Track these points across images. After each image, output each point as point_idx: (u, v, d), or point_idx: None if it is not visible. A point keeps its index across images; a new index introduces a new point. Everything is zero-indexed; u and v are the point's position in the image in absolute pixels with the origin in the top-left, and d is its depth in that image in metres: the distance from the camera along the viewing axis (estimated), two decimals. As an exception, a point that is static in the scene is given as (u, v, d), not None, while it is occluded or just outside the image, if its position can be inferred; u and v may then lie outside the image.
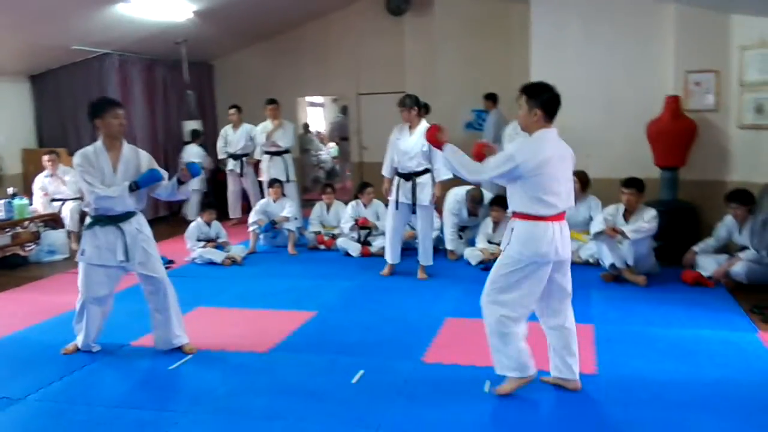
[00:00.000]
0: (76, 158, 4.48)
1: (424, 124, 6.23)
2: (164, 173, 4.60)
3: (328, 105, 17.31)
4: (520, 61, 8.68)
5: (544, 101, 3.70)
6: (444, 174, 6.20)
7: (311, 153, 14.54)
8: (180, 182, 4.56)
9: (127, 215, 4.51)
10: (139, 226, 4.58)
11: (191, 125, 10.30)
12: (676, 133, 6.98)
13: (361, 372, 4.22)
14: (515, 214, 3.77)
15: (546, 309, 3.90)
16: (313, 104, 16.83)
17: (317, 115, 17.25)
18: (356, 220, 7.79)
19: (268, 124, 9.03)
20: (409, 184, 6.38)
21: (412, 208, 6.43)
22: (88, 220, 4.62)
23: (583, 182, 6.99)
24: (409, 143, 6.32)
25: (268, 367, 4.45)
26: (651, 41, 7.42)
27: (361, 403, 3.82)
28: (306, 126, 14.96)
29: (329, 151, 15.64)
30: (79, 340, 4.73)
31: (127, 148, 4.56)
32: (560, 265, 3.79)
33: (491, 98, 9.52)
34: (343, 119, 14.45)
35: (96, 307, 4.64)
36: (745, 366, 4.24)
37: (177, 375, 4.36)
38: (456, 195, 7.55)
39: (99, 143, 4.51)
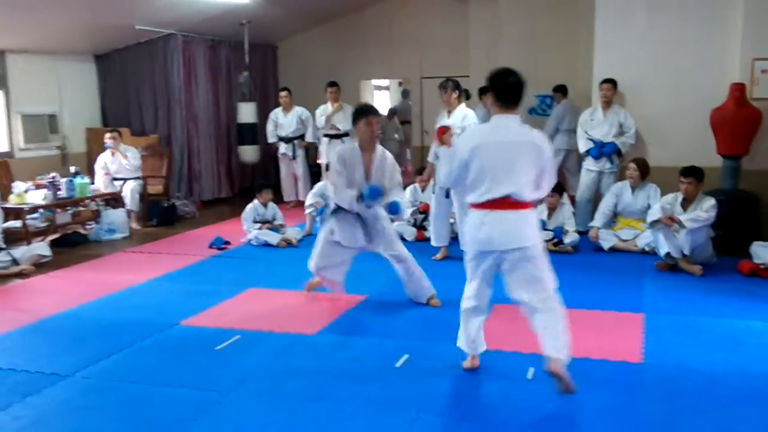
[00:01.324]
0: (334, 156, 5.09)
1: (461, 109, 6.35)
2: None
3: (393, 88, 17.25)
4: (585, 47, 8.55)
5: (495, 87, 3.70)
6: None
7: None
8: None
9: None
10: (376, 212, 5.16)
11: (247, 107, 10.37)
12: (740, 121, 6.79)
13: (406, 356, 4.26)
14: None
15: (517, 296, 3.77)
16: (378, 87, 16.83)
17: (383, 99, 17.24)
18: (418, 208, 7.81)
19: (328, 107, 9.12)
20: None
21: (446, 192, 6.44)
22: (333, 205, 5.25)
23: (642, 170, 6.90)
24: None
25: (314, 349, 4.52)
26: (718, 27, 7.22)
27: (404, 387, 3.85)
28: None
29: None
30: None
31: (379, 151, 5.12)
32: (510, 255, 3.66)
33: (560, 90, 9.40)
34: (404, 103, 14.43)
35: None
36: (797, 360, 4.15)
37: (223, 355, 4.43)
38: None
39: (356, 145, 5.02)
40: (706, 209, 5.99)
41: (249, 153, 10.34)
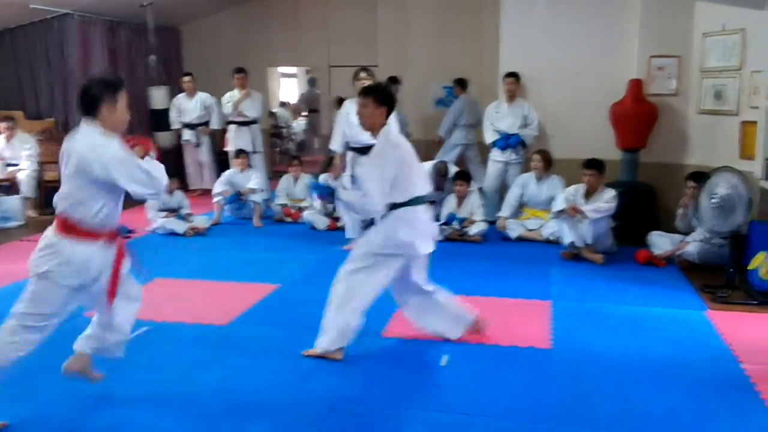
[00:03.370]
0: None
1: None
2: None
3: (300, 76, 17.05)
4: (491, 39, 8.71)
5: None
6: None
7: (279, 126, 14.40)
8: None
9: None
10: None
11: (159, 93, 10.09)
12: (638, 116, 7.11)
13: None
14: None
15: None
16: (285, 75, 16.63)
17: (290, 86, 17.03)
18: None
19: (235, 94, 8.97)
20: (363, 158, 6.32)
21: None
22: None
23: (546, 162, 7.12)
24: None
25: (226, 340, 4.43)
26: (617, 25, 7.49)
27: (318, 378, 3.84)
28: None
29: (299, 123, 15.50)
30: None
31: None
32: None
33: (460, 84, 9.50)
34: (311, 91, 14.36)
35: None
36: (692, 343, 4.39)
37: (132, 347, 4.13)
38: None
39: None
40: (607, 200, 6.24)
41: (165, 139, 10.07)
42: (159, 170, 3.34)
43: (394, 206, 3.93)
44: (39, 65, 9.64)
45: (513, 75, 7.64)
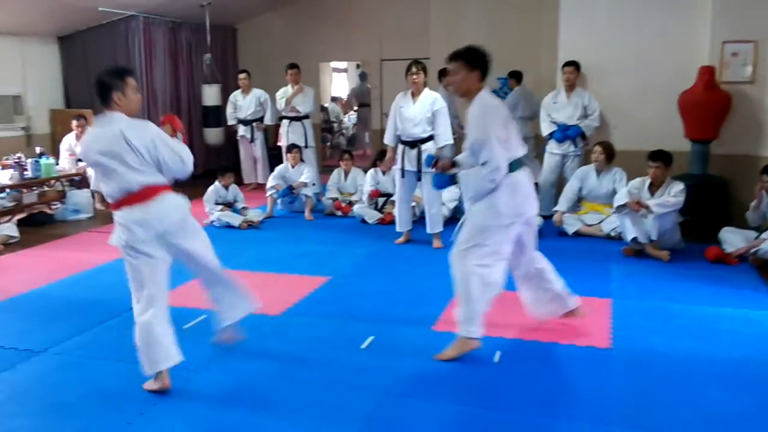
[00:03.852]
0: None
1: (428, 91, 6.25)
2: None
3: (351, 71, 17.05)
4: (549, 29, 8.42)
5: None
6: (444, 140, 6.17)
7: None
8: None
9: None
10: None
11: (211, 90, 10.18)
12: (709, 104, 6.73)
13: (371, 338, 4.19)
14: None
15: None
16: (336, 70, 16.62)
17: (341, 81, 17.02)
18: (370, 193, 7.70)
19: (288, 89, 8.99)
20: (414, 151, 6.29)
21: (418, 175, 6.33)
22: None
23: (608, 154, 6.80)
24: (413, 110, 6.27)
25: (279, 329, 4.44)
26: (686, 9, 7.11)
27: (369, 369, 3.80)
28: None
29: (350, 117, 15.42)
30: None
31: None
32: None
33: (515, 76, 9.24)
34: (362, 85, 14.32)
35: None
36: (766, 345, 4.07)
37: (191, 334, 4.31)
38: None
39: None
40: (674, 194, 5.91)
41: (214, 135, 10.25)
42: (186, 152, 3.67)
43: None
44: (106, 65, 9.79)
45: (572, 64, 7.34)
